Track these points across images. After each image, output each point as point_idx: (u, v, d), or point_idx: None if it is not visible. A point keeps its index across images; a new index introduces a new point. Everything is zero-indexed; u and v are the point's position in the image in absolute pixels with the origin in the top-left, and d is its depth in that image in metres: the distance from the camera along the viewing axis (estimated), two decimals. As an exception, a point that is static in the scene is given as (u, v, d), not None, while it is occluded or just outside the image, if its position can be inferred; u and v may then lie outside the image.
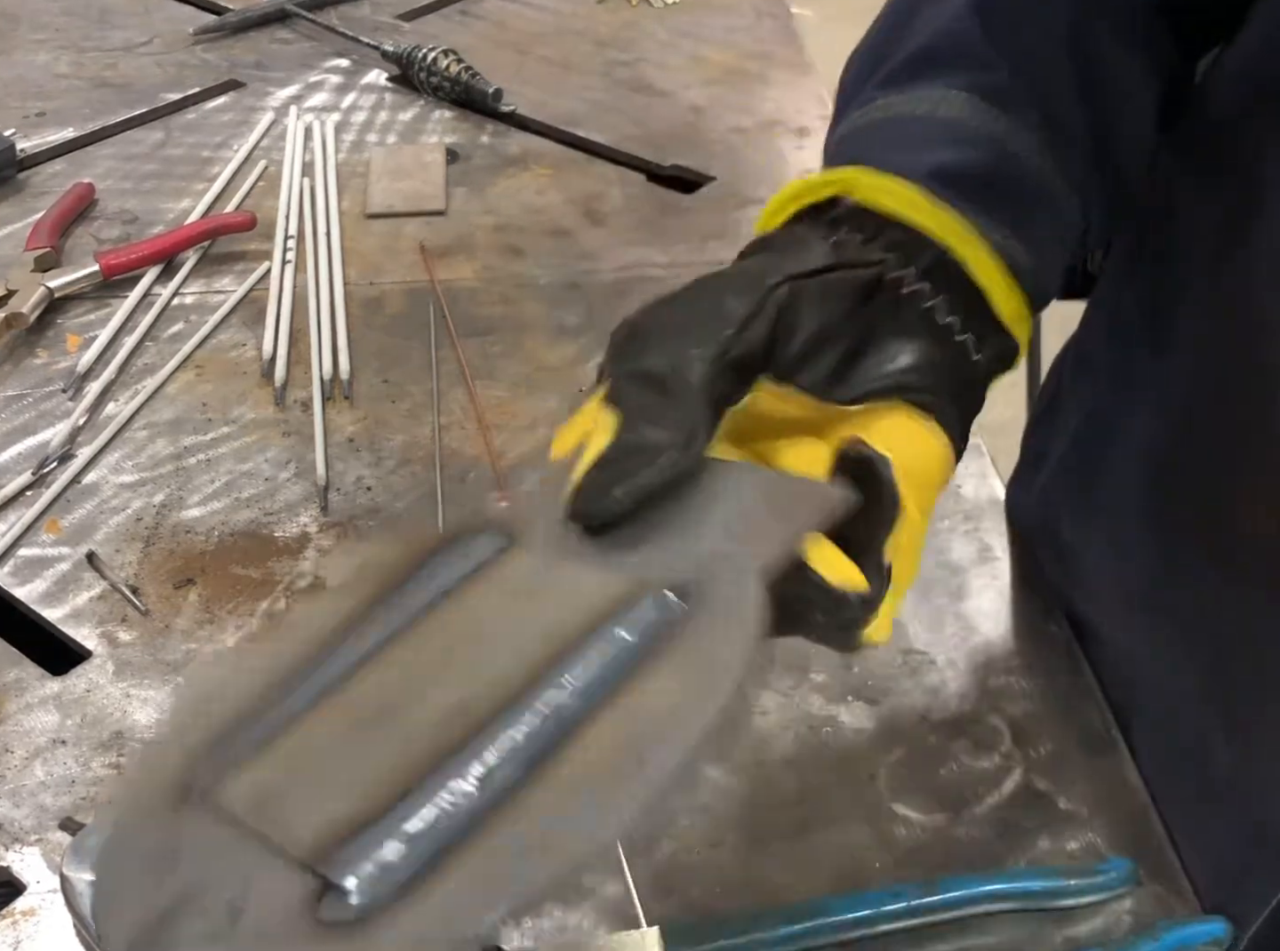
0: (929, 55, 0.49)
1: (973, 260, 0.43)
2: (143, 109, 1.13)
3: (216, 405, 0.82)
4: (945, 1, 0.51)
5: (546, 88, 1.18)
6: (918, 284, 0.42)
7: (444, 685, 0.35)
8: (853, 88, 0.52)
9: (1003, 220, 0.44)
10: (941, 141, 0.46)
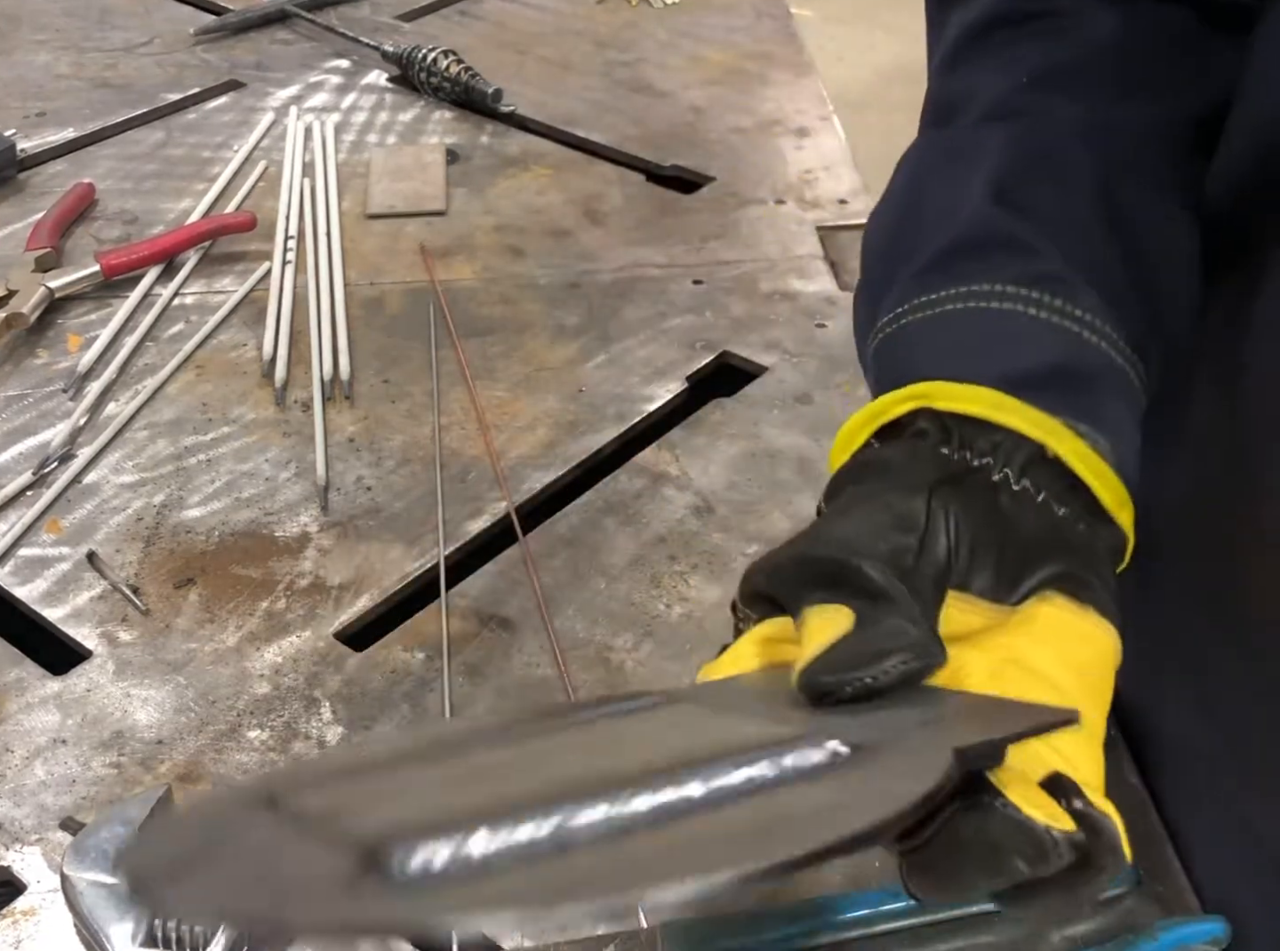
0: (961, 250, 0.47)
1: (1068, 453, 0.42)
2: (143, 109, 1.13)
3: (217, 405, 0.82)
4: (957, 188, 0.49)
5: (546, 88, 1.18)
6: (1023, 482, 0.41)
7: (569, 767, 0.32)
8: (880, 266, 0.50)
9: (1080, 413, 0.43)
10: (1004, 342, 0.45)
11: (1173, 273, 0.50)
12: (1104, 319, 0.46)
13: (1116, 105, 0.51)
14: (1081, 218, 0.48)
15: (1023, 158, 0.49)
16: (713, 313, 0.90)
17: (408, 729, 0.35)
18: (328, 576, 0.70)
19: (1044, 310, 0.45)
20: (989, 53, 0.53)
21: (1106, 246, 0.48)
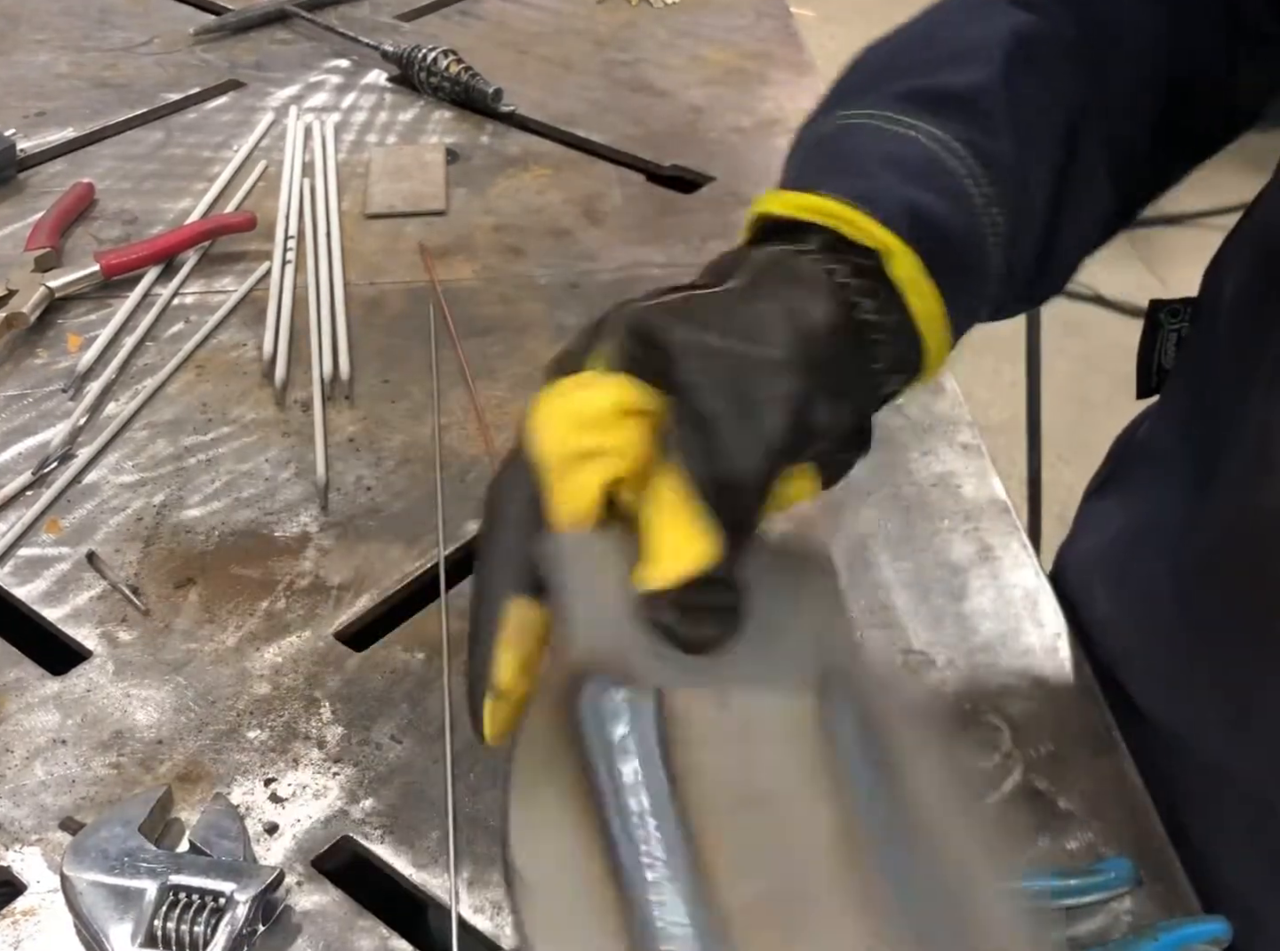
0: (953, 97, 0.49)
1: (932, 353, 0.45)
2: (143, 109, 1.13)
3: (216, 405, 0.82)
4: (974, 40, 0.52)
5: (546, 88, 1.18)
6: (876, 327, 0.43)
7: (763, 858, 0.34)
8: (863, 80, 0.54)
9: (946, 283, 0.45)
10: (929, 187, 0.47)
11: (1077, 226, 0.53)
12: (1008, 225, 0.48)
13: (1115, 43, 0.54)
14: (1047, 136, 0.51)
15: (1034, 51, 0.52)
16: (713, 312, 0.90)
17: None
18: (328, 576, 0.70)
19: (975, 186, 0.47)
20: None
21: (1048, 171, 0.51)
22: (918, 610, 0.67)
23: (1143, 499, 0.67)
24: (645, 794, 0.33)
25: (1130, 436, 0.72)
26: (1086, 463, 0.76)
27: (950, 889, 0.33)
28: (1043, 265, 0.52)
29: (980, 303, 0.49)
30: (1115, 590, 0.66)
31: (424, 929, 0.56)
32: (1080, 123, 0.52)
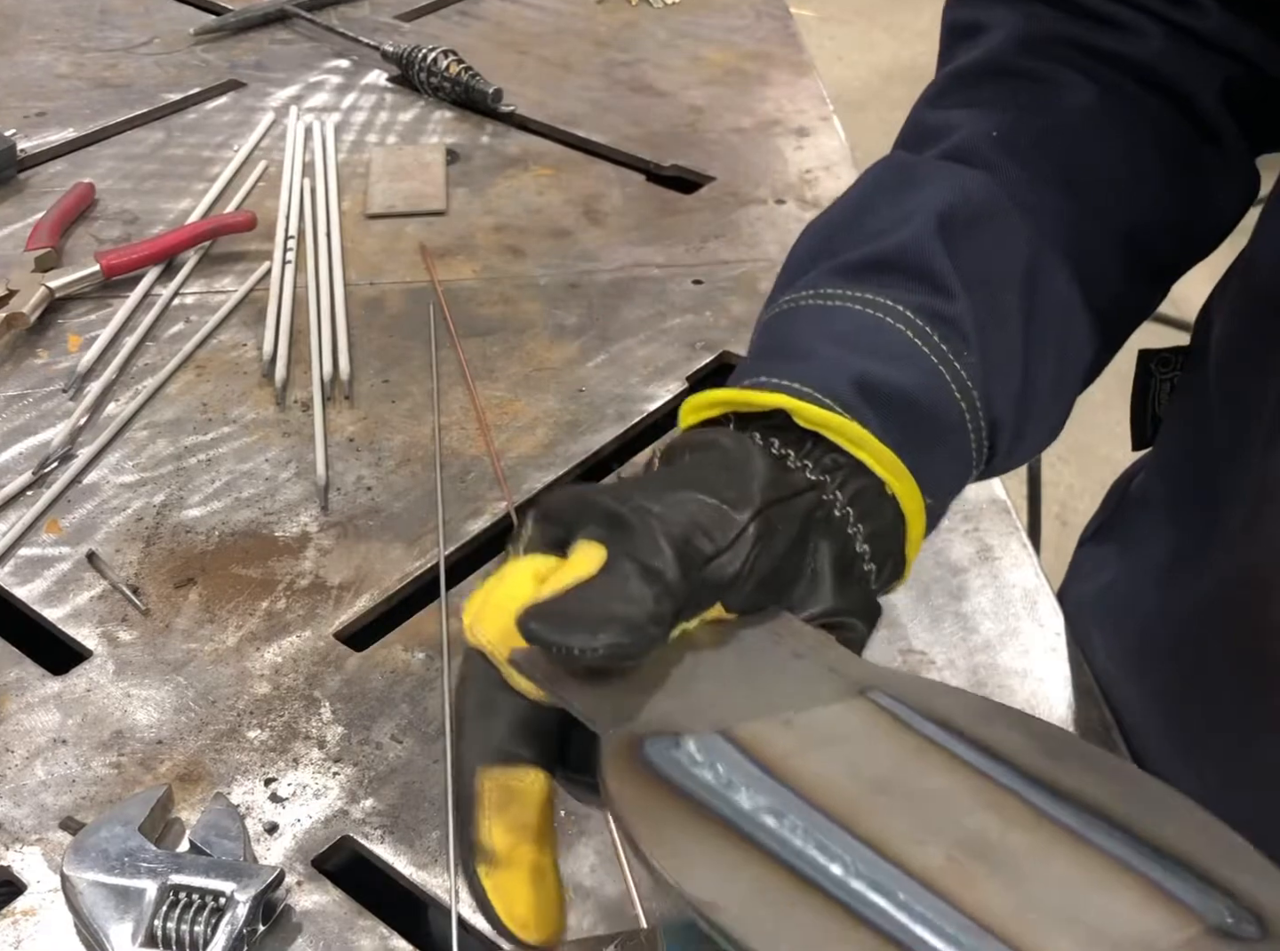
0: (887, 263, 0.48)
1: (905, 496, 0.43)
2: (143, 109, 1.13)
3: (217, 405, 0.82)
4: (909, 204, 0.50)
5: (546, 88, 1.18)
6: (846, 509, 0.42)
7: (929, 824, 0.32)
8: (802, 261, 0.51)
9: (914, 451, 0.44)
10: (878, 354, 0.45)
11: (1058, 369, 0.51)
12: (975, 384, 0.47)
13: (1068, 191, 0.52)
14: (1003, 286, 0.49)
15: (970, 206, 0.50)
16: (712, 313, 0.90)
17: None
18: (328, 576, 0.70)
19: (929, 347, 0.46)
20: (972, 97, 0.55)
21: (1012, 322, 0.49)
22: (918, 610, 0.67)
23: (1138, 550, 0.66)
24: (788, 812, 0.32)
25: (1127, 484, 0.72)
26: (1086, 463, 0.76)
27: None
28: (1025, 417, 0.50)
29: (962, 460, 0.47)
30: (1111, 641, 0.66)
31: (424, 929, 0.56)
32: (1039, 266, 0.50)
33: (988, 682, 0.64)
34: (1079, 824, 0.32)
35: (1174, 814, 0.34)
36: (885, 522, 0.43)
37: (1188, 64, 0.53)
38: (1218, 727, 0.59)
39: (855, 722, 0.35)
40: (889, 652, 0.65)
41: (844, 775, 0.33)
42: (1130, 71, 0.53)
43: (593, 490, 0.40)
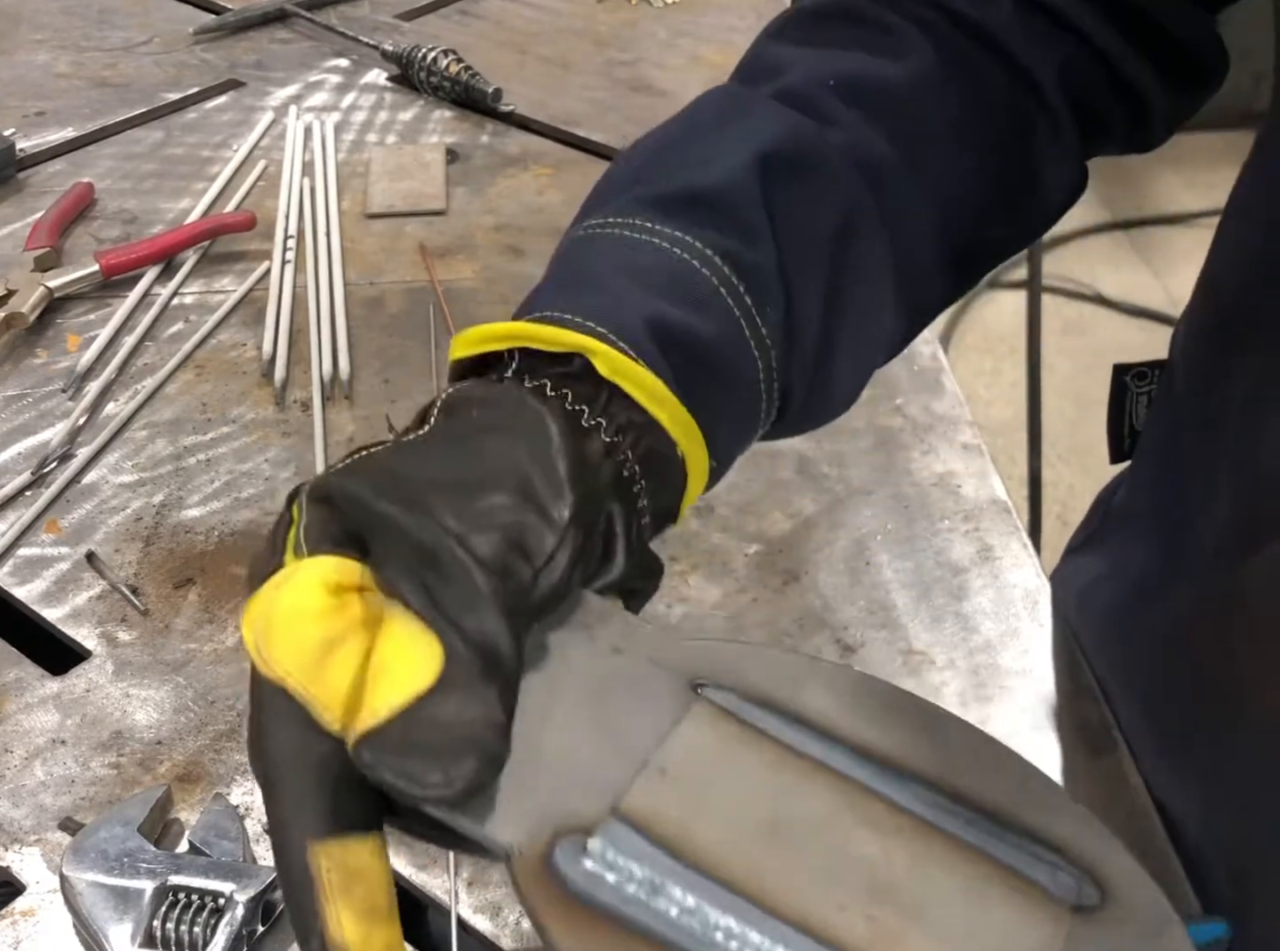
0: (701, 199, 0.45)
1: (693, 457, 0.41)
2: (143, 109, 1.13)
3: (216, 405, 0.82)
4: (732, 138, 0.47)
5: (546, 87, 1.18)
6: (634, 469, 0.39)
7: (827, 865, 0.33)
8: (615, 184, 0.49)
9: (706, 402, 0.42)
10: (676, 295, 0.43)
11: (857, 337, 0.49)
12: (773, 340, 0.44)
13: (893, 152, 0.49)
14: (814, 241, 0.47)
15: (793, 153, 0.47)
16: (713, 312, 0.90)
17: None
18: (327, 576, 0.70)
19: (731, 295, 0.44)
20: (813, 38, 0.53)
21: (818, 280, 0.47)
22: (918, 610, 0.67)
23: (1120, 564, 0.66)
24: (709, 907, 0.32)
25: (1109, 498, 0.72)
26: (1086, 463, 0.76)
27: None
28: (819, 379, 0.48)
29: (749, 420, 0.45)
30: (1097, 656, 0.66)
31: (424, 929, 0.56)
32: (853, 227, 0.47)
33: (988, 683, 0.64)
34: (927, 810, 0.34)
35: (989, 765, 0.36)
36: (670, 486, 0.41)
37: (1032, 37, 0.52)
38: (1192, 748, 0.59)
39: (712, 746, 0.35)
40: (889, 653, 0.65)
41: (738, 832, 0.33)
42: (976, 36, 0.52)
43: (376, 488, 0.35)
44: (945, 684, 0.63)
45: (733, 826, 0.33)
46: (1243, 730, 0.54)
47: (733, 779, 0.34)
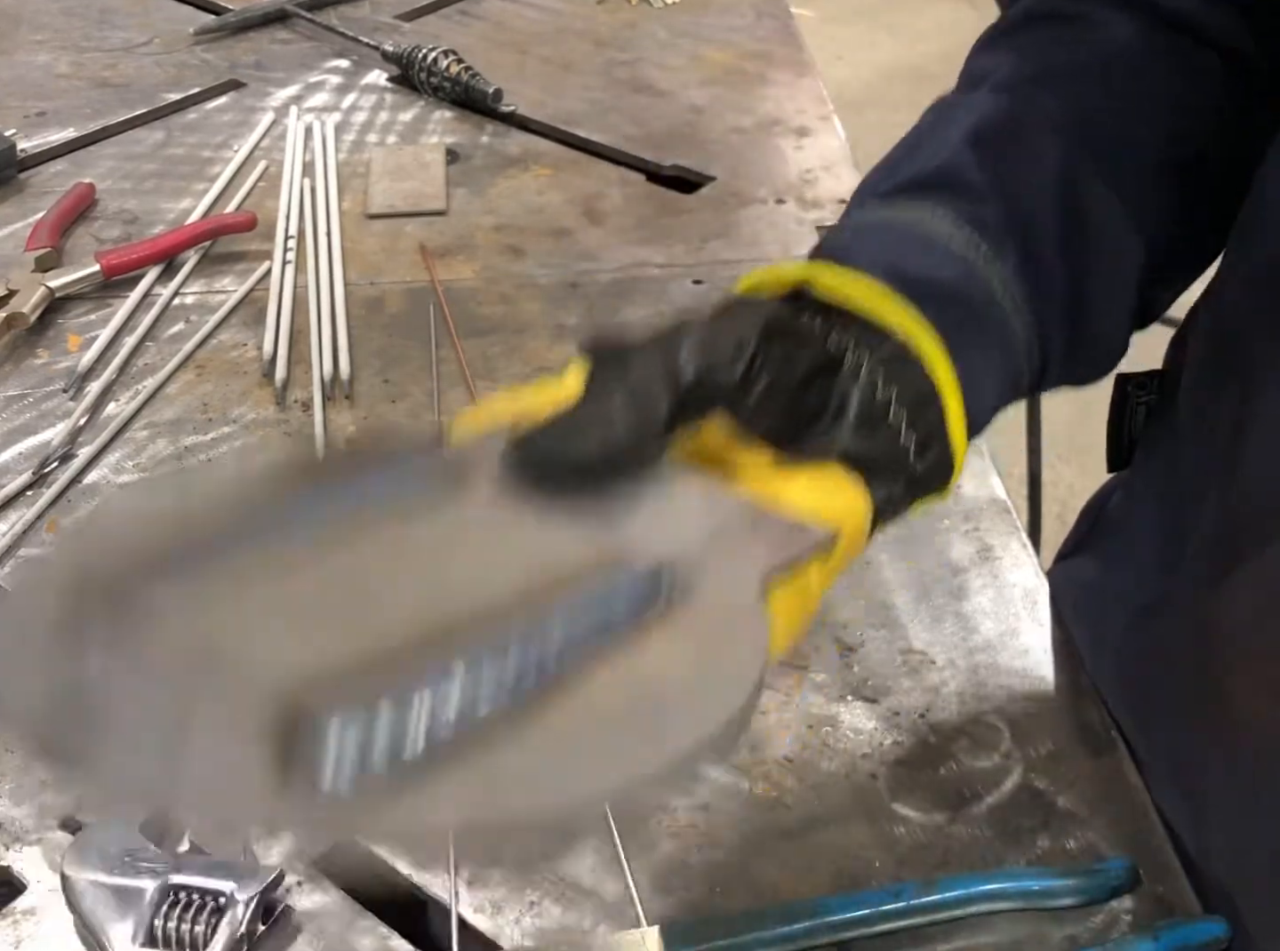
0: (926, 182, 0.50)
1: (931, 356, 0.43)
2: (143, 109, 1.13)
3: (217, 405, 0.82)
4: (945, 133, 0.52)
5: (546, 88, 1.18)
6: (873, 372, 0.42)
7: (420, 588, 0.32)
8: (856, 197, 0.53)
9: (951, 339, 0.44)
10: (911, 250, 0.47)
11: (1105, 276, 0.52)
12: (1017, 280, 0.48)
13: (1102, 110, 0.53)
14: (1037, 189, 0.50)
15: (1004, 122, 0.52)
16: (713, 312, 0.90)
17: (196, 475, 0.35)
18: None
19: (966, 245, 0.47)
20: (1016, 41, 0.57)
21: (1050, 224, 0.50)
22: (918, 610, 0.67)
23: (1113, 573, 0.66)
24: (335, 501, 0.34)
25: (1101, 505, 0.72)
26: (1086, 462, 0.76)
27: None
28: (1078, 325, 0.51)
29: (1008, 357, 0.48)
30: (1091, 664, 0.66)
31: (424, 929, 0.56)
32: (1075, 176, 0.51)
33: (988, 682, 0.64)
34: None
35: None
36: (916, 390, 0.43)
37: (1224, 16, 0.54)
38: (1177, 766, 0.59)
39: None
40: (889, 652, 0.65)
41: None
42: (1169, 19, 0.54)
43: (612, 328, 0.41)
44: (945, 683, 0.64)
45: None
46: (1229, 745, 0.54)
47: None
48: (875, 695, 0.63)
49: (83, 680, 0.28)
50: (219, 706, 0.27)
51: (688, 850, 0.56)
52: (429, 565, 0.34)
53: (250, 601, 0.30)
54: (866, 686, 0.63)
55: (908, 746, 0.61)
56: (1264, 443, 0.50)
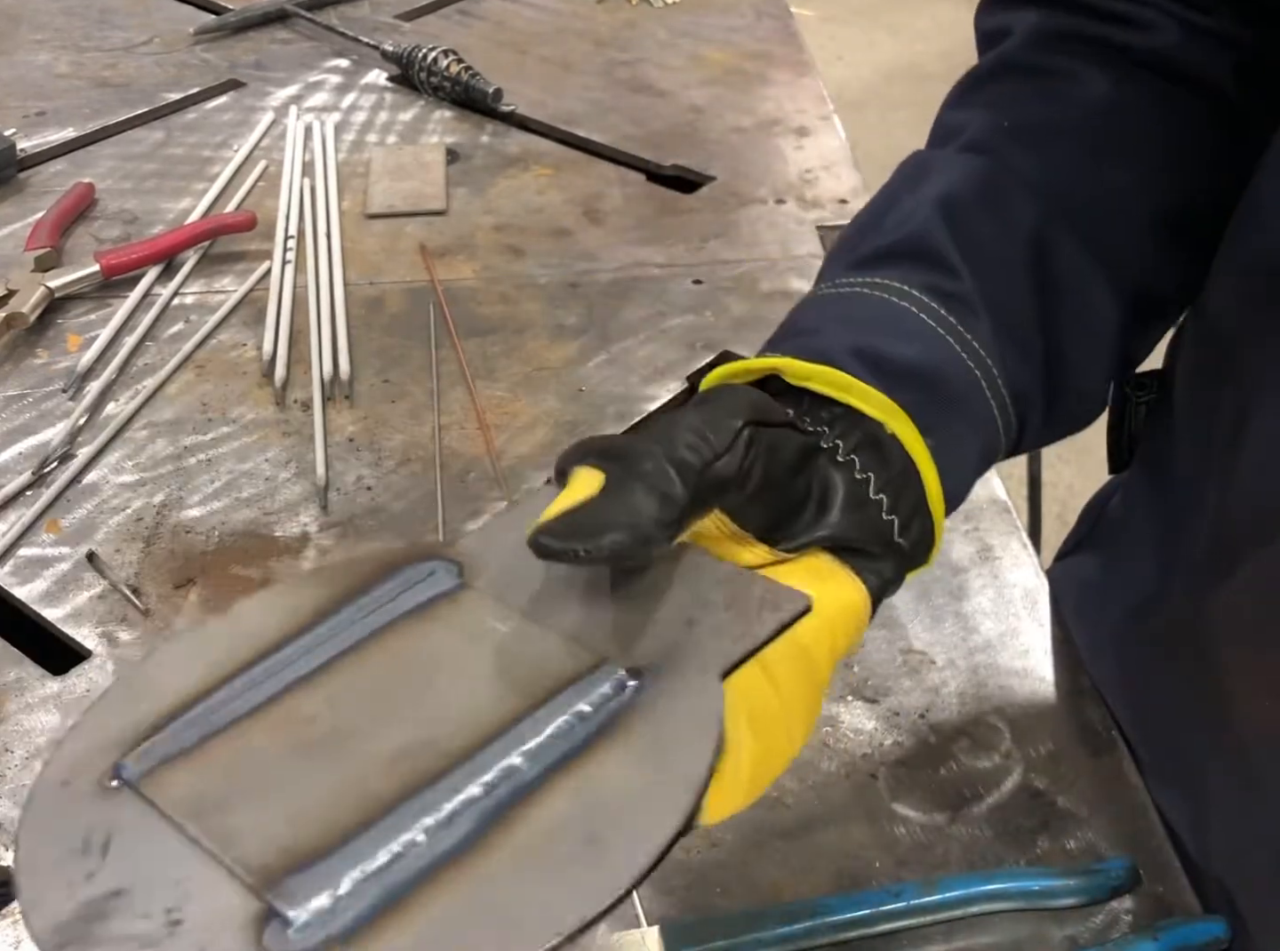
0: (896, 252, 0.50)
1: (905, 436, 0.44)
2: (143, 109, 1.13)
3: (216, 405, 0.82)
4: (918, 196, 0.52)
5: (546, 88, 1.18)
6: (850, 456, 0.43)
7: (396, 721, 0.35)
8: (826, 268, 0.53)
9: (925, 417, 0.45)
10: (880, 329, 0.47)
11: (1081, 338, 0.52)
12: (989, 352, 0.48)
13: (1076, 169, 0.53)
14: (1008, 259, 0.50)
15: (976, 187, 0.51)
16: (713, 312, 0.90)
17: (207, 628, 0.39)
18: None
19: (935, 320, 0.47)
20: (988, 94, 0.56)
21: (1022, 292, 0.50)
22: (918, 610, 0.67)
23: (1114, 573, 0.66)
24: (335, 631, 0.38)
25: (1102, 504, 0.72)
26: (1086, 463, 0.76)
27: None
28: (1055, 385, 0.51)
29: (984, 429, 0.48)
30: (1091, 662, 0.66)
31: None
32: (1046, 239, 0.51)
33: (988, 682, 0.64)
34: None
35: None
36: (896, 470, 0.43)
37: (1204, 53, 0.54)
38: (1178, 765, 0.59)
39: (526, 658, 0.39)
40: (889, 652, 0.65)
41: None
42: (1146, 62, 0.54)
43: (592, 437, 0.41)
44: (945, 683, 0.64)
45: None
46: (1227, 745, 0.54)
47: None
48: (875, 695, 0.63)
49: (94, 892, 0.31)
50: (208, 890, 0.31)
51: (688, 850, 0.56)
52: (418, 686, 0.36)
53: (238, 769, 0.34)
54: (866, 686, 0.63)
55: (908, 746, 0.61)
56: (1259, 445, 0.50)
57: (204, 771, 0.34)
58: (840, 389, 0.43)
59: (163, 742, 0.35)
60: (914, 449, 0.44)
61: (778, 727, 0.39)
